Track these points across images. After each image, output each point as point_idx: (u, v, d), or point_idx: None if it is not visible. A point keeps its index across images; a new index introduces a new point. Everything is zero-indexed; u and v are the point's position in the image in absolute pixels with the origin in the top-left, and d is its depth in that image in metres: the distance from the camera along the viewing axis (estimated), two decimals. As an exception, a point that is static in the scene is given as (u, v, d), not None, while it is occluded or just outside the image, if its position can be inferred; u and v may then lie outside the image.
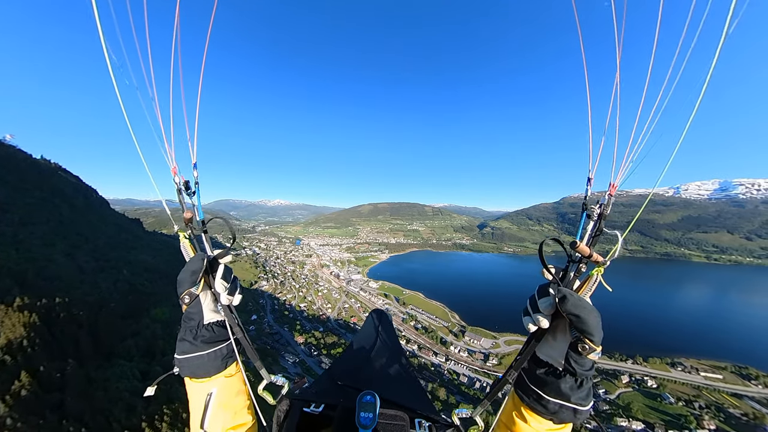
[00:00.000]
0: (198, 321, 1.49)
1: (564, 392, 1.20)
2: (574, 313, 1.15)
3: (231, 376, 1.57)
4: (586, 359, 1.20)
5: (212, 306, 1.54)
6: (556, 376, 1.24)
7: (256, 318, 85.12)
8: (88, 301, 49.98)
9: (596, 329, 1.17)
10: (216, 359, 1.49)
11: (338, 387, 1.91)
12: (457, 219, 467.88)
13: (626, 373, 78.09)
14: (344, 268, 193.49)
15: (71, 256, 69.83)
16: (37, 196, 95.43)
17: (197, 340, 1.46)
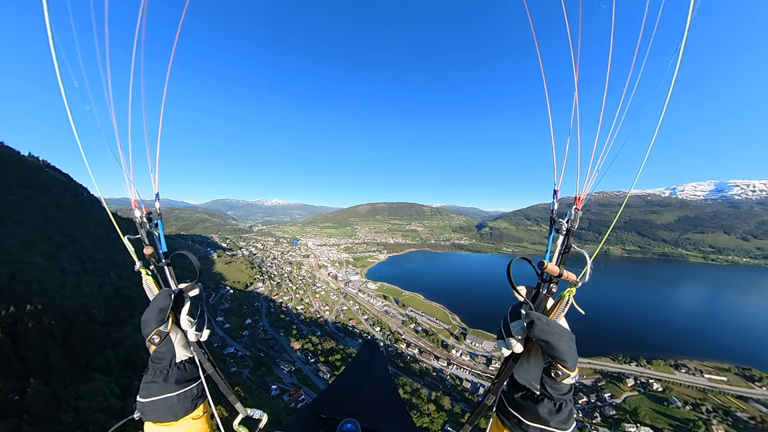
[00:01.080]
0: (169, 360, 1.43)
1: (543, 417, 1.18)
2: (542, 339, 1.13)
3: (198, 417, 1.50)
4: (561, 384, 1.18)
5: (184, 342, 1.48)
6: (533, 400, 1.22)
7: (251, 322, 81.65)
8: (67, 306, 46.57)
9: (568, 354, 1.12)
10: (186, 400, 1.43)
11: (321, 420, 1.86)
12: (455, 219, 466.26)
13: (631, 376, 76.60)
14: (342, 269, 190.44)
15: (54, 257, 66.15)
16: (21, 194, 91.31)
17: (169, 381, 1.39)
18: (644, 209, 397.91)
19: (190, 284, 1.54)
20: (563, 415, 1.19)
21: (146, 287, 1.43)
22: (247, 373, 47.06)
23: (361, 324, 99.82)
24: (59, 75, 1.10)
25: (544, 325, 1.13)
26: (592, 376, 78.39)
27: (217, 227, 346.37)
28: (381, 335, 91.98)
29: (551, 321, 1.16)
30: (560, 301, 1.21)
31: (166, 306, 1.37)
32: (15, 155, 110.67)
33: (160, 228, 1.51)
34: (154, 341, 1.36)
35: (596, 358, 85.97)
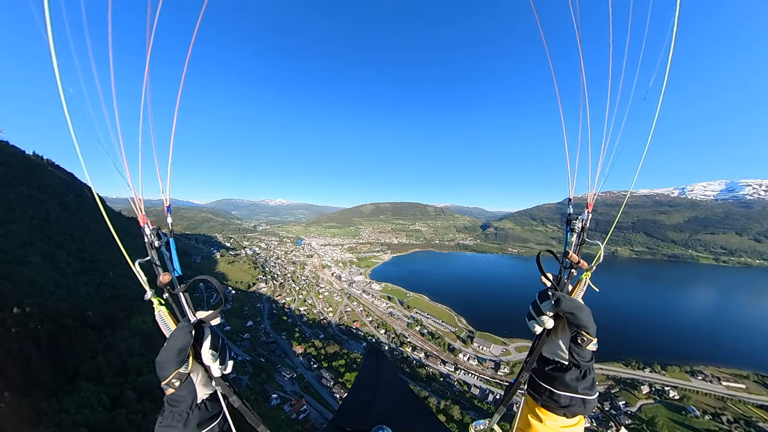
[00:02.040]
0: (189, 403, 1.26)
1: (571, 384, 1.36)
2: (569, 311, 1.36)
3: None
4: (586, 350, 1.38)
5: (204, 380, 1.32)
6: (562, 370, 1.41)
7: (252, 324, 79.71)
8: (61, 308, 44.80)
9: (590, 323, 1.37)
10: None
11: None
12: (459, 219, 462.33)
13: (645, 383, 73.53)
14: (346, 269, 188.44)
15: (52, 256, 64.71)
16: (22, 192, 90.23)
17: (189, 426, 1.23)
18: (652, 209, 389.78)
19: (212, 313, 1.36)
20: (588, 381, 1.37)
21: (159, 320, 1.27)
22: (246, 380, 44.87)
23: (366, 326, 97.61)
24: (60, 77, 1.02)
25: (569, 301, 1.38)
26: (604, 382, 75.29)
27: (222, 227, 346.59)
28: (386, 338, 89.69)
29: (573, 298, 1.42)
30: (579, 283, 1.49)
31: (186, 345, 1.20)
32: (19, 154, 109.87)
33: (172, 247, 1.33)
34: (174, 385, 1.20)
35: (608, 363, 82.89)
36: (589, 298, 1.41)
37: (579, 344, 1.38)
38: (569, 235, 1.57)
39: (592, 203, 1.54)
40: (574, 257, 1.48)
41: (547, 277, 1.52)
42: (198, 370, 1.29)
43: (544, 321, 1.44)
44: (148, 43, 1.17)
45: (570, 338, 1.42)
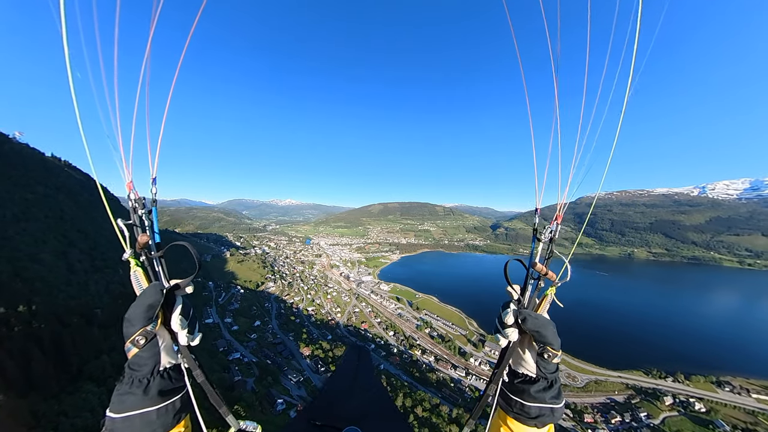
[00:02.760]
0: (152, 367, 1.23)
1: (539, 396, 1.43)
2: (535, 330, 1.43)
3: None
4: (551, 363, 1.47)
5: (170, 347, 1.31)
6: (531, 383, 1.47)
7: (260, 324, 79.00)
8: (69, 306, 44.70)
9: (554, 339, 1.44)
10: (167, 415, 1.23)
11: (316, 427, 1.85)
12: (468, 219, 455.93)
13: (668, 394, 69.46)
14: (354, 269, 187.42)
15: (64, 254, 65.44)
16: (39, 191, 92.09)
17: (149, 393, 1.19)
18: (671, 209, 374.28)
19: (186, 280, 1.37)
20: (554, 390, 1.46)
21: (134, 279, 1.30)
22: (251, 383, 43.76)
23: (374, 328, 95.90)
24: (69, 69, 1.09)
25: (534, 319, 1.43)
26: (624, 391, 71.59)
27: (233, 226, 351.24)
28: (395, 340, 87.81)
29: (539, 315, 1.48)
30: (544, 298, 1.55)
31: (156, 302, 1.21)
32: (37, 156, 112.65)
33: (154, 216, 1.36)
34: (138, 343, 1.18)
35: (627, 371, 78.98)
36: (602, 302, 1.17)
37: (545, 359, 1.45)
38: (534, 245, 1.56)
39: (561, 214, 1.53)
40: (542, 268, 1.48)
41: (513, 288, 1.55)
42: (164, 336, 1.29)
43: (508, 334, 1.47)
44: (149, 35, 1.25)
45: (536, 353, 1.48)
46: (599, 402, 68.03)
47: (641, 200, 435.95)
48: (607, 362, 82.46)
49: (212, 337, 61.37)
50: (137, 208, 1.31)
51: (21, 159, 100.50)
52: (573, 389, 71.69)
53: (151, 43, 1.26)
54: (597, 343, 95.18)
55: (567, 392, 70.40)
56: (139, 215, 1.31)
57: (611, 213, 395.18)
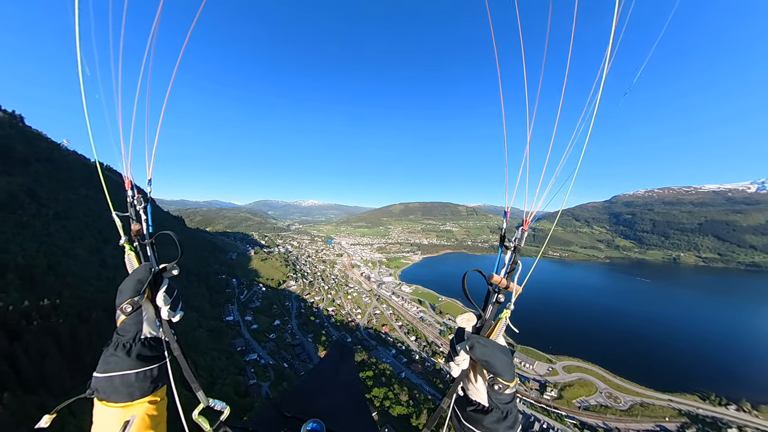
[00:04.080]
0: (135, 334, 1.41)
1: (492, 427, 1.33)
2: (482, 359, 1.31)
3: (155, 402, 1.41)
4: (504, 395, 1.35)
5: (153, 320, 1.49)
6: (484, 412, 1.37)
7: (279, 324, 78.36)
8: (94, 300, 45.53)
9: (505, 369, 1.30)
10: (146, 380, 1.36)
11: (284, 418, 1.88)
12: (493, 219, 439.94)
13: (733, 425, 59.85)
14: (375, 269, 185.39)
15: (98, 250, 68.41)
16: (81, 193, 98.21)
17: (131, 356, 1.35)
18: (724, 208, 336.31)
19: (171, 264, 1.58)
20: (509, 421, 1.35)
21: (128, 261, 1.51)
22: (266, 387, 42.09)
23: (395, 331, 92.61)
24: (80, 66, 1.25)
25: (482, 347, 1.31)
26: (676, 418, 62.71)
27: (258, 226, 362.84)
28: (416, 345, 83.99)
29: (489, 341, 1.34)
30: (498, 322, 1.42)
31: (144, 278, 1.41)
32: (81, 161, 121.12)
33: (148, 210, 1.60)
34: (125, 310, 1.37)
35: (679, 394, 69.65)
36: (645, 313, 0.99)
37: (495, 390, 1.34)
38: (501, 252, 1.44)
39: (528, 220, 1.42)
40: (502, 281, 1.35)
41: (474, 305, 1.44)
42: (149, 310, 1.46)
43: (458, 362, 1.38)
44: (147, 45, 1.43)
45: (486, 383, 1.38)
46: (647, 429, 60.08)
47: (688, 198, 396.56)
48: (653, 382, 73.51)
49: (231, 335, 61.24)
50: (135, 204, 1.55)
51: (67, 164, 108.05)
52: (615, 411, 64.06)
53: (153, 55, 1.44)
54: (640, 359, 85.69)
55: (608, 415, 62.94)
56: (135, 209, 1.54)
57: (652, 213, 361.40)
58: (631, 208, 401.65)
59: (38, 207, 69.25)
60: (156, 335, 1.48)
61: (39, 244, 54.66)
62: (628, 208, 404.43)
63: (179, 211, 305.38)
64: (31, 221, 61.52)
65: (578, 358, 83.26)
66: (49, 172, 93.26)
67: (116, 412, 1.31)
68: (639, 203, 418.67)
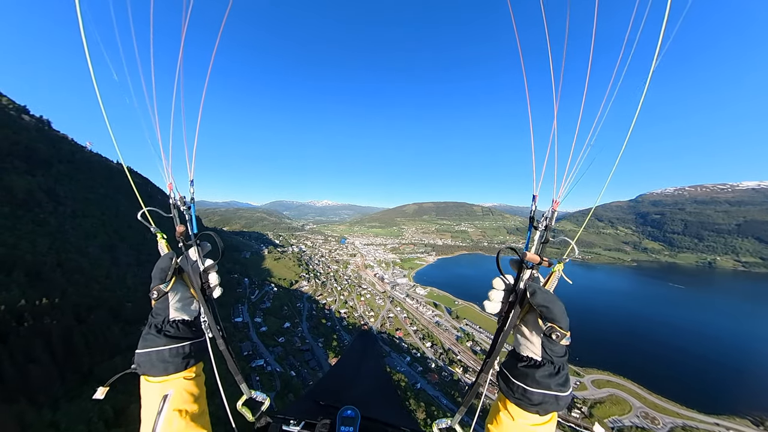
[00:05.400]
0: (164, 317, 1.52)
1: (543, 381, 1.30)
2: (543, 305, 1.29)
3: (190, 378, 1.52)
4: (559, 345, 1.32)
5: (178, 305, 1.57)
6: (535, 367, 1.34)
7: (290, 326, 75.90)
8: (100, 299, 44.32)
9: (562, 317, 1.30)
10: (177, 356, 1.47)
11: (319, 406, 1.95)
12: (509, 220, 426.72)
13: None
14: (389, 270, 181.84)
15: (111, 248, 68.56)
16: (100, 192, 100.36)
17: (161, 335, 1.47)
18: (766, 207, 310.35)
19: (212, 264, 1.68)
20: (562, 377, 1.31)
21: (160, 249, 1.61)
22: (272, 397, 38.98)
23: (410, 336, 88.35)
24: None
25: (543, 293, 1.31)
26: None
27: (274, 225, 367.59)
28: (432, 352, 79.48)
29: (549, 291, 1.35)
30: (551, 275, 1.42)
31: (166, 267, 1.49)
32: (103, 162, 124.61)
33: (192, 211, 1.64)
34: (153, 296, 1.50)
35: (727, 417, 62.01)
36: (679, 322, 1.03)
37: (552, 339, 1.31)
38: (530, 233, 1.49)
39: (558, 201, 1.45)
40: (535, 257, 1.37)
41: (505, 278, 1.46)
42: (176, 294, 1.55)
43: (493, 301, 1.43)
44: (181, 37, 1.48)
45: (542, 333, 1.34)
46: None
47: (723, 196, 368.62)
48: (696, 402, 65.96)
49: (238, 338, 59.39)
50: (178, 205, 1.60)
51: (88, 165, 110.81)
52: (655, 436, 57.57)
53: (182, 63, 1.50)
54: (679, 375, 77.70)
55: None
56: (179, 211, 1.59)
57: (684, 212, 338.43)
58: (660, 207, 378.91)
59: (56, 205, 70.08)
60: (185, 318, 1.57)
61: (52, 241, 54.51)
62: (656, 207, 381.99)
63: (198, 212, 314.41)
64: (47, 219, 61.92)
65: (608, 371, 76.46)
66: (70, 172, 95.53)
67: (156, 387, 1.43)
68: (668, 202, 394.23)
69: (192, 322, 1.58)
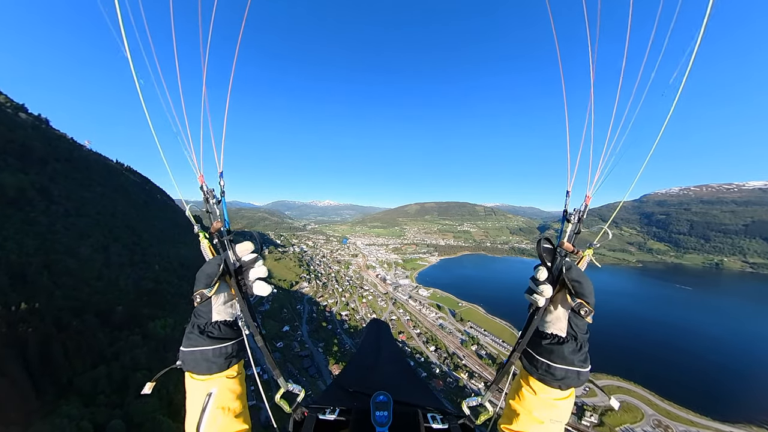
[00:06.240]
0: (207, 320, 1.53)
1: (568, 357, 1.39)
2: (577, 279, 1.39)
3: (233, 377, 1.57)
4: (584, 322, 1.43)
5: (222, 308, 1.58)
6: (560, 343, 1.42)
7: (288, 330, 73.45)
8: (91, 302, 42.17)
9: (591, 294, 1.40)
10: (220, 356, 1.50)
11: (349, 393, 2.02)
12: (512, 220, 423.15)
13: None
14: (391, 271, 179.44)
15: (105, 248, 66.35)
16: (97, 191, 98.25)
17: (204, 335, 1.49)
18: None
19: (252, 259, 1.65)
20: (583, 354, 1.41)
21: (203, 250, 1.60)
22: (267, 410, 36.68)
23: (413, 340, 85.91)
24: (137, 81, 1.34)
25: (578, 269, 1.42)
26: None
27: (275, 225, 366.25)
28: (436, 357, 77.05)
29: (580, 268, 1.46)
30: (582, 258, 1.52)
31: (213, 273, 1.47)
32: (101, 161, 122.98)
33: (223, 205, 1.61)
34: (196, 300, 1.49)
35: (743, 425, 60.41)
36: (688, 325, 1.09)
37: (580, 315, 1.40)
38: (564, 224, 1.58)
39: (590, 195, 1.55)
40: (569, 246, 1.47)
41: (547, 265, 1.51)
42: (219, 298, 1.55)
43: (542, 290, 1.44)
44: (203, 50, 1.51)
45: (570, 309, 1.44)
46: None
47: (730, 196, 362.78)
48: (710, 409, 63.50)
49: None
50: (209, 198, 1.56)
51: (86, 163, 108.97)
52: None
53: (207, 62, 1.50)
54: (692, 380, 74.82)
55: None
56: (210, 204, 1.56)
57: (689, 212, 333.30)
58: (665, 207, 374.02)
59: (48, 204, 68.03)
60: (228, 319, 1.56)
61: (41, 242, 52.46)
62: (660, 207, 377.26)
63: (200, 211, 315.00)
64: (38, 218, 59.88)
65: (617, 376, 73.79)
66: (67, 171, 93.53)
67: (201, 384, 1.47)
68: (673, 202, 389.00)
69: (233, 322, 1.58)
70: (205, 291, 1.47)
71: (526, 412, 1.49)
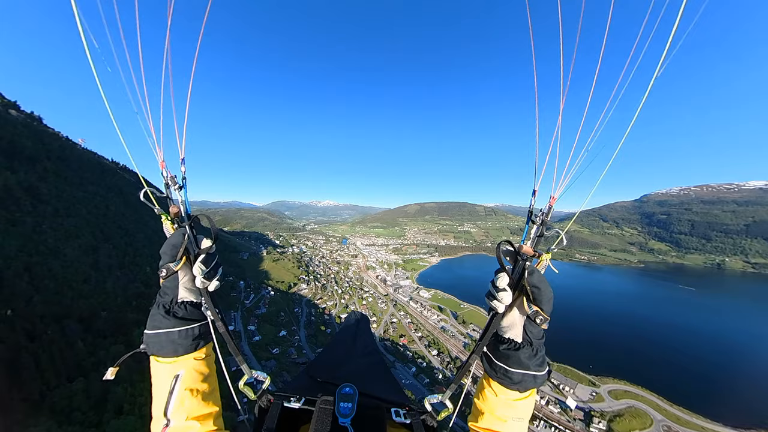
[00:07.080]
0: (172, 297, 1.50)
1: (524, 362, 1.40)
2: (536, 285, 1.37)
3: (200, 359, 1.54)
4: (539, 329, 1.43)
5: (188, 285, 1.55)
6: (516, 349, 1.44)
7: (285, 334, 70.73)
8: (73, 308, 39.57)
9: (548, 302, 1.39)
10: (186, 338, 1.47)
11: (318, 383, 2.03)
12: (513, 220, 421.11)
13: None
14: (391, 272, 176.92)
15: (95, 249, 63.74)
16: (90, 190, 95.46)
17: (169, 315, 1.46)
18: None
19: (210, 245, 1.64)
20: (539, 358, 1.43)
21: (165, 230, 1.58)
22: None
23: (414, 343, 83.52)
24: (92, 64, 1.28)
25: (539, 274, 1.41)
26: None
27: (275, 225, 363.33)
28: (438, 362, 74.53)
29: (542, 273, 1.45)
30: (539, 264, 1.50)
31: (178, 243, 1.46)
32: (95, 159, 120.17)
33: (185, 191, 1.61)
34: (162, 274, 1.46)
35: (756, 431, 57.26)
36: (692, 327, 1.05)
37: (535, 323, 1.40)
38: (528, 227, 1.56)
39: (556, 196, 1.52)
40: (529, 250, 1.44)
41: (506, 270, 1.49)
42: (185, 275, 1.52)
43: (502, 297, 1.41)
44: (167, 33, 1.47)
45: (527, 316, 1.44)
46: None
47: (730, 196, 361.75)
48: (721, 415, 61.50)
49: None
50: (169, 185, 1.55)
51: (79, 162, 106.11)
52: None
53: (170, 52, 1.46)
54: (701, 385, 72.75)
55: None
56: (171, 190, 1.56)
57: (690, 212, 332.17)
58: (666, 207, 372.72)
59: (35, 204, 65.28)
60: (194, 300, 1.54)
61: (24, 243, 49.70)
62: (661, 207, 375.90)
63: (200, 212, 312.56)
64: (23, 218, 57.12)
65: (624, 380, 71.73)
66: (58, 169, 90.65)
67: (167, 367, 1.44)
68: (674, 202, 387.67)
69: (200, 303, 1.56)
70: (171, 265, 1.42)
71: (490, 411, 1.52)
